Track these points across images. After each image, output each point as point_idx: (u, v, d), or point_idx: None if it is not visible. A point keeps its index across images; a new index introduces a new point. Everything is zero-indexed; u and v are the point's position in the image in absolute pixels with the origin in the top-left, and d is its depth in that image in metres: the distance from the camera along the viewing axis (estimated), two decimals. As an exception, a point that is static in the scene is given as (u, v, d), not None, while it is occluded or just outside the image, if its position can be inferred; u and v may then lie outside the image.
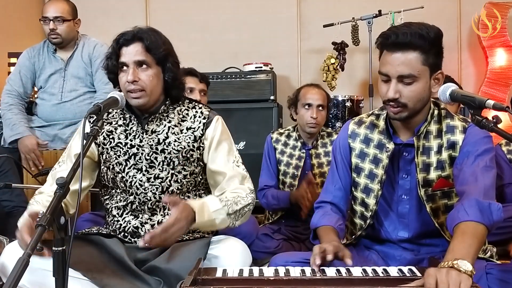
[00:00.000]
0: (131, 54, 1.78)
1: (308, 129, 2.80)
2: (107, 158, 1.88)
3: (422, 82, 1.63)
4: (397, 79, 1.62)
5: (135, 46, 1.78)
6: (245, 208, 1.80)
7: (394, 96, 1.62)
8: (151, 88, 1.80)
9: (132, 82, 1.77)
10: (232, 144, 1.93)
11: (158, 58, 1.80)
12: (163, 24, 4.60)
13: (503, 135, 1.39)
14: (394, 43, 1.62)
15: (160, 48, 1.80)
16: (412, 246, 1.79)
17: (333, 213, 1.81)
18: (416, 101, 1.64)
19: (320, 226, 1.78)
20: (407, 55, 1.61)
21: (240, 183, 1.85)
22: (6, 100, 3.06)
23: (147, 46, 1.78)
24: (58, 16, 3.03)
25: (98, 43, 3.17)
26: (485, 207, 1.48)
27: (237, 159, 1.90)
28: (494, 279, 1.56)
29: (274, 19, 4.60)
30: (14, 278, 1.02)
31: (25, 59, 3.15)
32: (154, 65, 1.81)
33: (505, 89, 4.20)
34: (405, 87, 1.63)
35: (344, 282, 1.41)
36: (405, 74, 1.61)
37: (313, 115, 2.75)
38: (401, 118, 1.68)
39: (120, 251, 1.73)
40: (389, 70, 1.63)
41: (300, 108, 2.83)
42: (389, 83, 1.64)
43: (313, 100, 2.79)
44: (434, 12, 4.13)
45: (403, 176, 1.77)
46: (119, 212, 1.88)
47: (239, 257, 1.69)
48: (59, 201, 1.25)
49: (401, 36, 1.60)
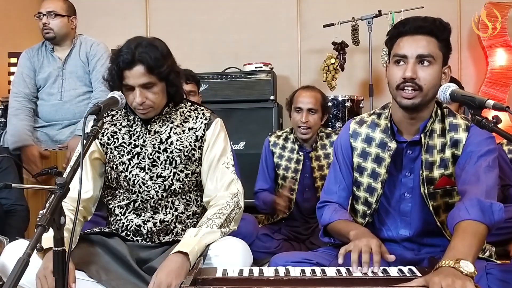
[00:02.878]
0: (135, 78, 1.77)
1: (299, 134, 2.76)
2: (111, 158, 1.89)
3: (437, 67, 1.64)
4: (415, 59, 1.63)
5: (138, 69, 1.76)
6: (231, 215, 1.81)
7: (413, 75, 1.61)
8: (158, 103, 1.84)
9: (141, 103, 1.79)
10: (227, 146, 1.94)
11: (161, 76, 1.81)
12: (163, 24, 4.63)
13: (503, 135, 1.39)
14: (415, 26, 1.65)
15: (162, 66, 1.79)
16: (413, 245, 1.79)
17: (342, 209, 1.82)
18: (431, 86, 1.64)
19: (336, 220, 1.76)
20: (426, 38, 1.64)
21: (225, 189, 1.86)
22: (13, 105, 3.05)
23: (149, 67, 1.76)
24: (51, 10, 3.03)
25: (95, 42, 3.16)
26: (487, 207, 1.48)
27: (228, 160, 1.91)
28: (494, 279, 1.55)
29: (274, 19, 4.60)
30: (14, 278, 1.02)
31: (25, 59, 3.14)
32: (158, 83, 1.81)
33: (505, 89, 4.20)
34: (422, 69, 1.63)
35: (344, 282, 1.41)
36: (424, 54, 1.62)
37: (302, 118, 2.72)
38: (413, 105, 1.65)
39: (122, 250, 1.75)
40: (407, 51, 1.63)
41: (292, 112, 2.81)
42: (404, 66, 1.64)
43: (303, 104, 2.75)
44: (434, 12, 4.06)
45: (406, 174, 1.77)
46: (122, 211, 1.89)
47: (240, 256, 1.69)
48: (59, 201, 1.25)
49: (421, 20, 1.65)
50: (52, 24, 3.03)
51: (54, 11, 3.03)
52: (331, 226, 1.78)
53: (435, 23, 1.65)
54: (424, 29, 1.64)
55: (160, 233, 1.86)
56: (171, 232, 1.87)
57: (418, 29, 1.64)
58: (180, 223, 1.88)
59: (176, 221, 1.88)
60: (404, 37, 1.66)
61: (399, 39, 1.68)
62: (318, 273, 1.45)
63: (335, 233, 1.76)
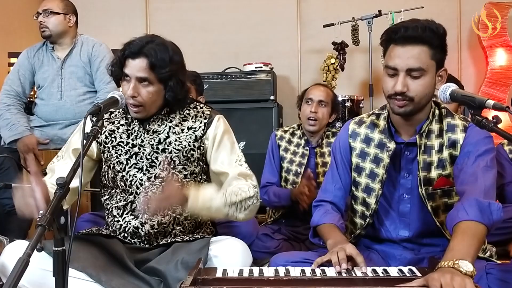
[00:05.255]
0: (134, 69, 1.77)
1: (307, 126, 2.80)
2: (108, 157, 1.88)
3: (429, 77, 1.63)
4: (405, 73, 1.62)
5: (140, 62, 1.76)
6: (247, 201, 1.77)
7: (403, 89, 1.62)
8: (149, 104, 1.80)
9: (132, 97, 1.77)
10: (234, 142, 1.92)
11: (161, 77, 1.78)
12: (163, 24, 4.63)
13: (503, 135, 1.39)
14: (404, 36, 1.61)
15: (166, 67, 1.77)
16: (413, 245, 1.79)
17: (334, 212, 1.82)
18: (423, 96, 1.64)
19: (322, 224, 1.78)
20: (416, 49, 1.61)
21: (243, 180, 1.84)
22: (4, 101, 3.04)
23: (152, 64, 1.75)
24: (47, 9, 3.04)
25: (97, 42, 3.16)
26: (485, 207, 1.48)
27: (239, 157, 1.89)
28: (494, 279, 1.56)
29: (274, 19, 4.60)
30: (14, 278, 1.02)
31: (24, 58, 3.14)
32: (156, 83, 1.79)
33: (505, 89, 4.20)
34: (413, 81, 1.62)
35: (344, 282, 1.41)
36: (414, 67, 1.61)
37: (312, 109, 2.77)
38: (405, 112, 1.67)
39: (120, 252, 1.74)
40: (397, 63, 1.62)
41: (303, 104, 2.86)
42: (396, 77, 1.63)
43: (314, 95, 2.81)
44: (434, 12, 4.12)
45: (404, 175, 1.77)
46: (119, 212, 1.88)
47: (239, 256, 1.69)
48: (59, 201, 1.25)
49: (411, 30, 1.61)
50: (48, 22, 3.03)
51: (49, 9, 3.04)
52: (319, 229, 1.79)
53: (426, 31, 1.60)
54: (415, 39, 1.60)
55: (158, 235, 1.85)
56: (169, 234, 1.86)
57: (409, 39, 1.61)
58: (178, 224, 1.87)
59: (174, 223, 1.86)
60: (396, 47, 1.63)
61: (391, 46, 1.66)
62: (318, 273, 1.45)
63: (321, 236, 1.78)
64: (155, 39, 1.80)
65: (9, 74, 3.20)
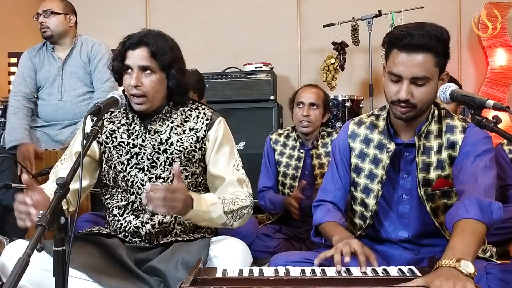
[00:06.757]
0: (136, 59, 1.78)
1: (300, 128, 2.80)
2: (109, 157, 1.88)
3: (433, 84, 1.63)
4: (409, 81, 1.61)
5: (141, 51, 1.78)
6: (243, 210, 1.80)
7: (407, 97, 1.61)
8: (153, 93, 1.81)
9: (135, 86, 1.78)
10: (233, 147, 1.94)
11: (163, 64, 1.80)
12: (163, 24, 4.61)
13: (503, 135, 1.39)
14: (410, 44, 1.58)
15: (166, 54, 1.80)
16: (412, 246, 1.79)
17: (335, 211, 1.82)
18: (425, 102, 1.64)
19: (325, 222, 1.77)
20: (422, 57, 1.58)
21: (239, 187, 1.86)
22: (12, 103, 3.06)
23: (153, 52, 1.78)
24: (47, 9, 3.05)
25: (96, 42, 3.17)
26: (486, 206, 1.48)
27: (237, 162, 1.91)
28: (494, 279, 1.55)
29: (274, 19, 4.60)
30: (14, 278, 1.02)
31: (26, 59, 3.15)
32: (158, 71, 1.81)
33: (505, 89, 4.20)
34: (417, 89, 1.61)
35: (344, 282, 1.41)
36: (419, 76, 1.59)
37: (303, 112, 2.76)
38: (408, 118, 1.67)
39: (120, 252, 1.74)
40: (402, 71, 1.60)
41: (295, 108, 2.86)
42: (399, 84, 1.62)
43: (305, 98, 2.80)
44: (434, 12, 4.13)
45: (403, 176, 1.77)
46: (120, 212, 1.88)
47: (239, 257, 1.69)
48: (59, 201, 1.25)
49: (418, 38, 1.57)
50: (49, 23, 3.04)
51: (50, 9, 3.05)
52: (321, 227, 1.79)
53: (432, 39, 1.57)
54: (421, 47, 1.58)
55: (159, 234, 1.85)
56: (170, 233, 1.86)
57: (417, 48, 1.58)
58: (179, 224, 1.87)
59: (175, 223, 1.86)
60: (400, 54, 1.60)
61: (394, 51, 1.63)
62: (318, 273, 1.45)
63: (324, 234, 1.78)
64: (153, 31, 1.84)
65: (15, 77, 3.22)
